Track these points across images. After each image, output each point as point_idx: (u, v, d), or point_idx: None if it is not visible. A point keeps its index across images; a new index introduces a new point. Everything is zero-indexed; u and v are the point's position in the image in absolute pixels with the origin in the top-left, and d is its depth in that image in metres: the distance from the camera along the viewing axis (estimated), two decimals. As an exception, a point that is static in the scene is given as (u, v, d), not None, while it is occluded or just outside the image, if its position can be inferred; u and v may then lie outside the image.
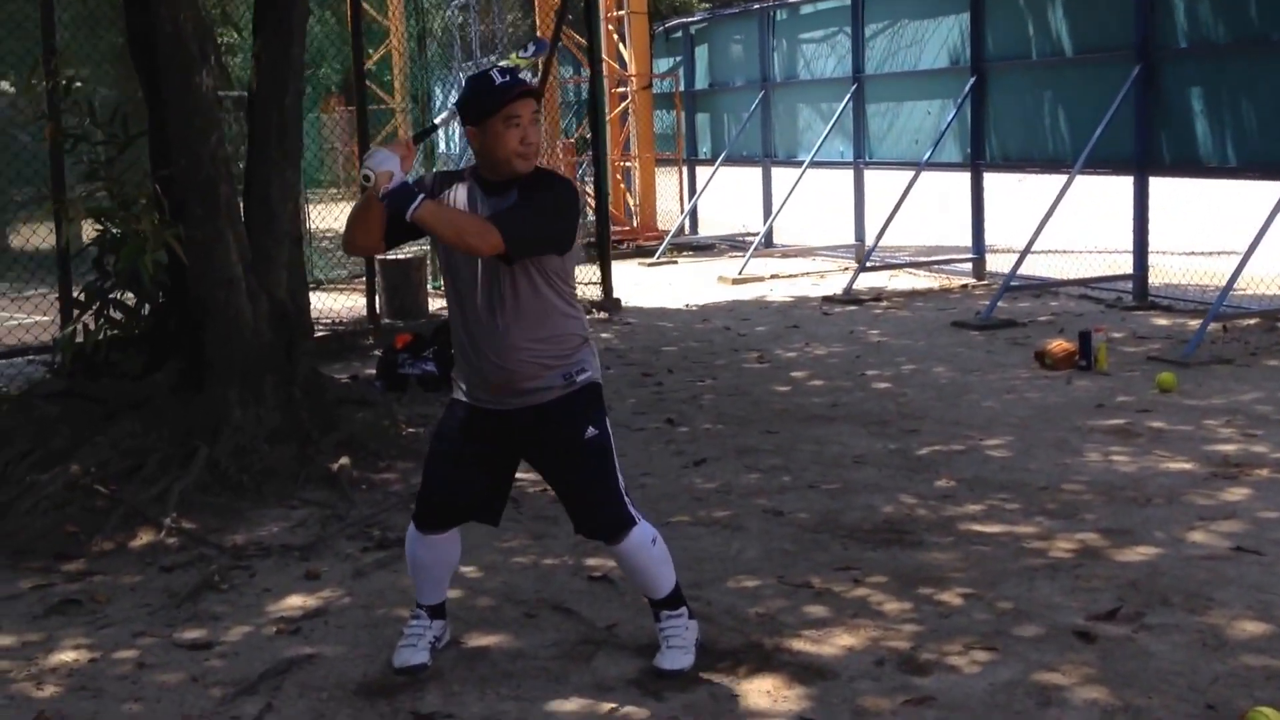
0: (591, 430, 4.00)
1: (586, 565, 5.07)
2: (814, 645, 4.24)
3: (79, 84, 6.99)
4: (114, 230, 6.30)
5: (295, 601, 4.84)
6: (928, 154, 12.78)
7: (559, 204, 3.88)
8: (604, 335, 10.35)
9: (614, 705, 3.88)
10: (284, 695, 4.05)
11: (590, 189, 12.99)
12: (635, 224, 17.13)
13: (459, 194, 3.95)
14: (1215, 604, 4.45)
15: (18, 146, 8.63)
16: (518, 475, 4.27)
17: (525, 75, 4.07)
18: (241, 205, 6.59)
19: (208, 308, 6.30)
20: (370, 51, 20.59)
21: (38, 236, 9.06)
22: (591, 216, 12.12)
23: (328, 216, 13.94)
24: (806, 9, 15.41)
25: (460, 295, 3.94)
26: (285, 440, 6.37)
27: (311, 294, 12.36)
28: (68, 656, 4.42)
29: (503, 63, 4.07)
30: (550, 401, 3.97)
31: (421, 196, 3.67)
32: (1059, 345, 8.61)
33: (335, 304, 11.50)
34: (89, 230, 6.82)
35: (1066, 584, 4.69)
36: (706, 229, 17.65)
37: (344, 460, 6.27)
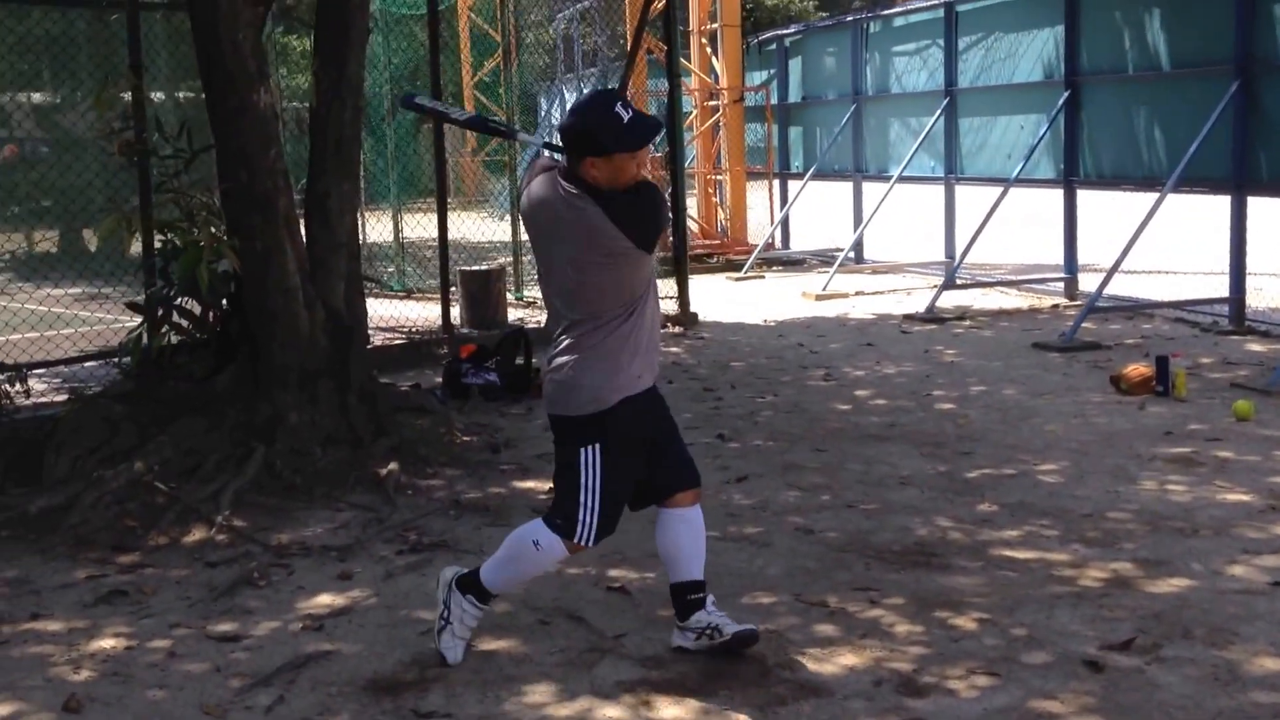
0: None
1: (608, 576, 5.14)
2: (816, 664, 4.27)
3: (155, 98, 7.26)
4: (177, 241, 6.54)
5: (324, 600, 4.99)
6: (1018, 169, 12.65)
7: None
8: (674, 350, 10.42)
9: (609, 712, 3.95)
10: (296, 688, 4.20)
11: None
12: (726, 238, 17.16)
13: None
14: (1238, 639, 4.38)
15: (105, 158, 8.97)
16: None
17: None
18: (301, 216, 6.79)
19: (267, 315, 6.51)
20: (473, 63, 21.03)
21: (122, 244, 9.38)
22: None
23: (430, 226, 14.19)
24: (900, 21, 15.35)
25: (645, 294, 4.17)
26: (339, 444, 6.55)
27: (399, 302, 12.77)
28: (107, 643, 4.62)
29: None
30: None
31: None
32: (1135, 370, 8.46)
33: (423, 313, 11.72)
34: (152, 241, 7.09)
35: (1088, 613, 4.65)
36: (798, 244, 17.64)
37: (392, 465, 6.43)
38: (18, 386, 7.16)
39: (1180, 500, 5.98)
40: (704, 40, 17.38)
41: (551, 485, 5.63)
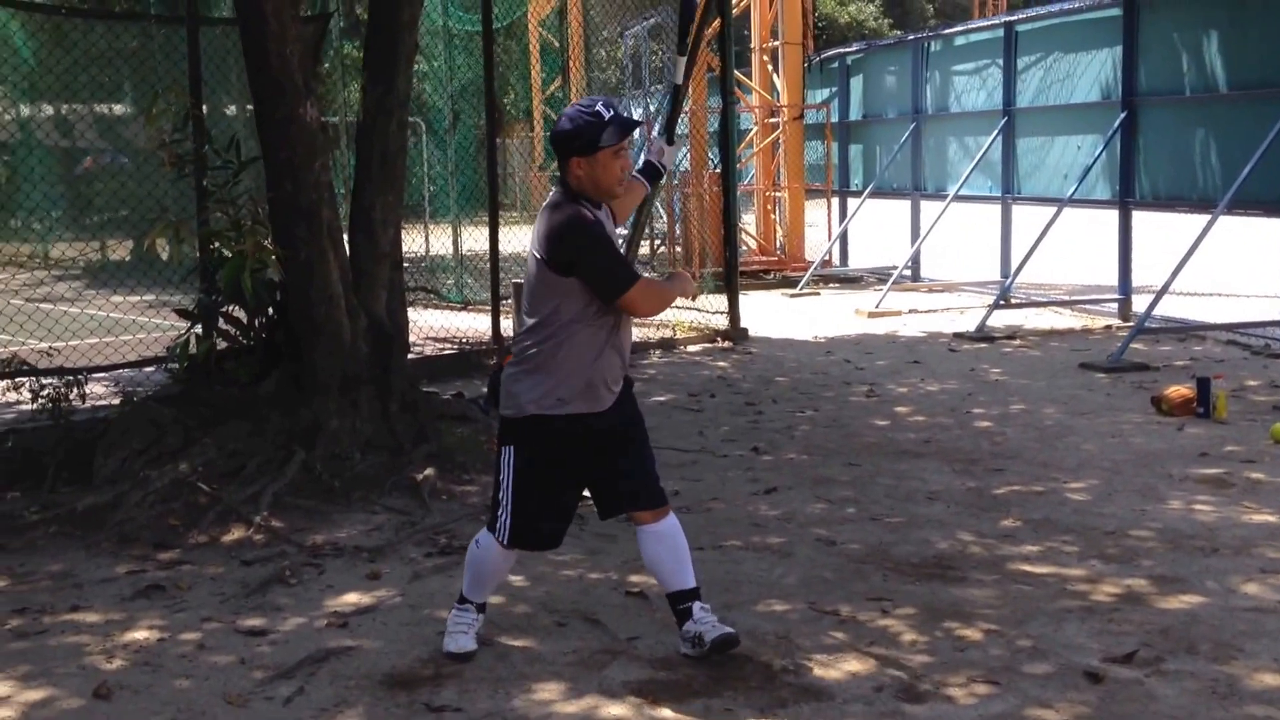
0: None
1: (629, 581, 5.26)
2: (820, 669, 4.35)
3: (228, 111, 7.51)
4: (224, 250, 6.77)
5: (352, 598, 5.16)
6: (1073, 189, 12.63)
7: None
8: (721, 364, 10.54)
9: (613, 710, 4.07)
10: (316, 681, 4.35)
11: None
12: (783, 255, 17.23)
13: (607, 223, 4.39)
14: (1242, 655, 4.41)
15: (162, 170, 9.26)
16: (587, 494, 4.56)
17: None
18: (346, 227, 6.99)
19: (310, 323, 6.71)
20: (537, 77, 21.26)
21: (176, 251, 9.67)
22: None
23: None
24: (960, 40, 15.39)
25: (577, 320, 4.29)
26: (378, 450, 6.73)
27: (455, 314, 12.99)
28: (140, 635, 4.81)
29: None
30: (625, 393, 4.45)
31: None
32: (1176, 391, 8.44)
33: (475, 324, 11.92)
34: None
35: (1096, 627, 4.70)
36: (856, 261, 17.67)
37: (429, 471, 6.59)
38: (75, 390, 7.40)
39: (1205, 520, 5.99)
40: (765, 58, 17.48)
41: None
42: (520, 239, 14.62)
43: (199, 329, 7.20)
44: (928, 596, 5.05)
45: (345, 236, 7.05)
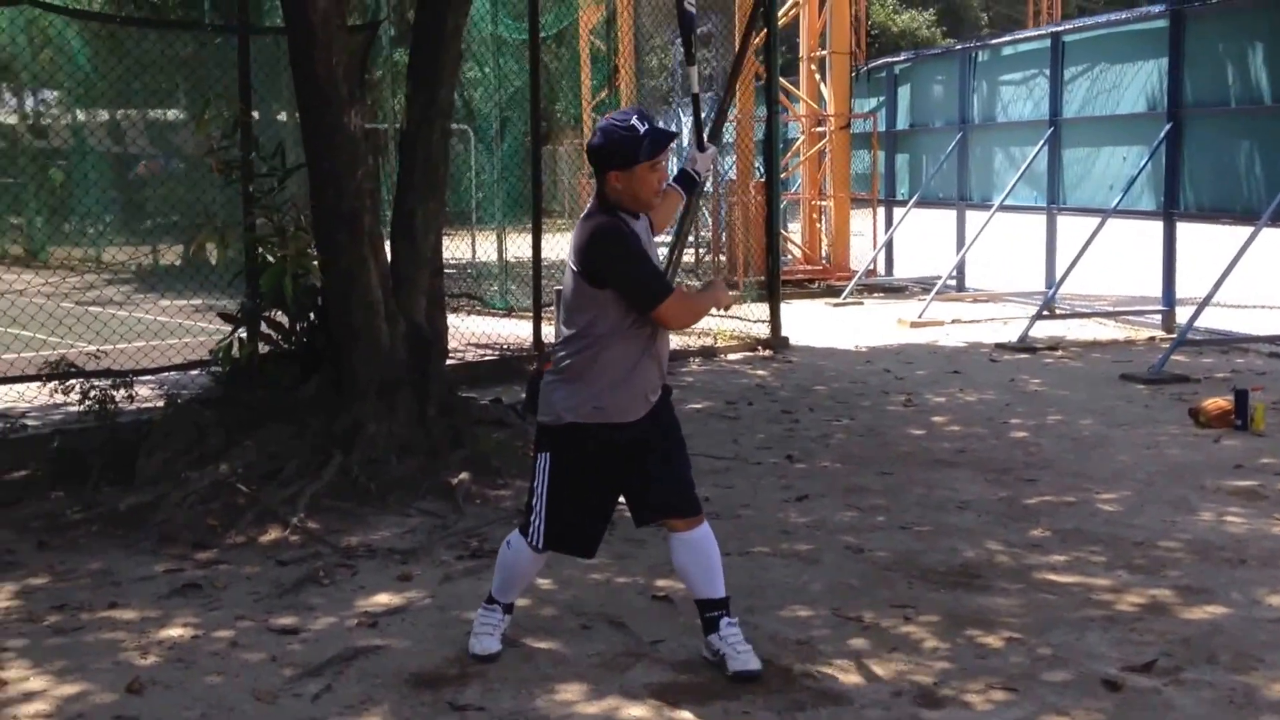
0: None
1: (655, 585, 5.32)
2: (840, 674, 4.40)
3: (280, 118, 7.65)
4: (268, 255, 6.90)
5: (382, 599, 5.25)
6: (1117, 200, 12.57)
7: None
8: (760, 373, 10.58)
9: (633, 711, 4.14)
10: (344, 680, 4.44)
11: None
12: (828, 264, 17.25)
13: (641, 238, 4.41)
14: (1262, 666, 4.42)
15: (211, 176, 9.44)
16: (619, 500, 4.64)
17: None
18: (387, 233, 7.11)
19: (349, 328, 6.83)
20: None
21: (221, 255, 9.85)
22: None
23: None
24: (1007, 50, 15.36)
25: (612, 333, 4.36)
26: (415, 454, 6.83)
27: (499, 320, 13.11)
28: (175, 632, 4.92)
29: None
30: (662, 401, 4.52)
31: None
32: (1214, 403, 8.41)
33: (518, 330, 12.02)
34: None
35: (1117, 636, 4.71)
36: (902, 270, 17.65)
37: (463, 475, 6.68)
38: (122, 392, 7.55)
39: (1235, 531, 5.98)
40: (813, 67, 17.51)
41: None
42: (567, 245, 14.71)
43: (242, 333, 7.33)
44: (951, 604, 5.08)
45: (386, 243, 7.17)
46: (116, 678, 4.48)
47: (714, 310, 4.68)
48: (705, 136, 5.25)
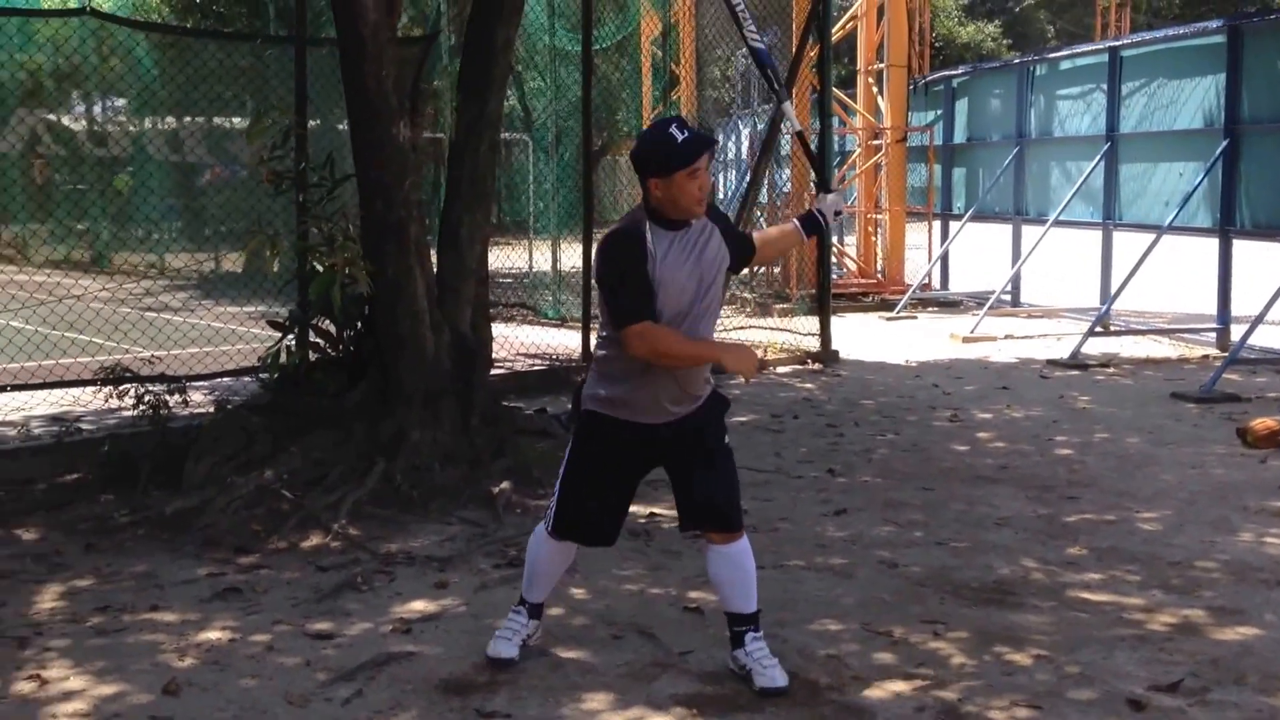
0: None
1: (687, 597, 5.36)
2: (866, 688, 4.42)
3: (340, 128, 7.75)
4: (317, 264, 7.02)
5: (418, 606, 5.33)
6: (1172, 216, 12.46)
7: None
8: (808, 385, 10.58)
9: (656, 724, 4.19)
10: (375, 685, 4.52)
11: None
12: (883, 277, 17.20)
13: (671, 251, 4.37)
14: (1294, 689, 4.39)
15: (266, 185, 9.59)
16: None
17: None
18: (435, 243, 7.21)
19: (395, 337, 6.93)
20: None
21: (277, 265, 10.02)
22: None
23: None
24: (1065, 64, 15.27)
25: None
26: (457, 462, 6.91)
27: (551, 330, 13.20)
28: (213, 635, 5.02)
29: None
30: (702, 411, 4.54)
31: None
32: (1263, 423, 8.33)
33: (568, 340, 12.10)
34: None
35: (1147, 655, 4.70)
36: (957, 285, 17.56)
37: (505, 484, 6.76)
38: (176, 397, 7.69)
39: (1274, 553, 5.94)
40: (870, 79, 17.49)
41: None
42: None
43: (291, 340, 7.46)
44: (982, 621, 5.08)
45: (433, 252, 7.27)
46: (154, 679, 4.58)
47: (741, 378, 4.56)
48: (828, 182, 5.24)
